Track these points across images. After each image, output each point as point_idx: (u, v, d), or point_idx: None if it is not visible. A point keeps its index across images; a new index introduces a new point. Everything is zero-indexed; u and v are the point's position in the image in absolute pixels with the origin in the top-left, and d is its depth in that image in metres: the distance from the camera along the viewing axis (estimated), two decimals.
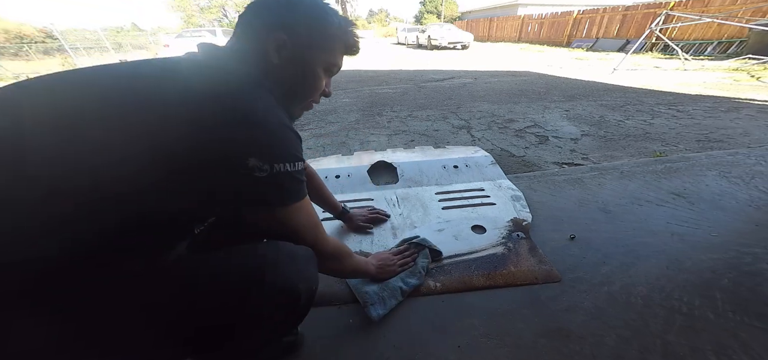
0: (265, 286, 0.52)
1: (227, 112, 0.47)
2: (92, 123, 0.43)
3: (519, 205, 1.36)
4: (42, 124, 0.42)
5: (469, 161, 1.76)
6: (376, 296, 0.89)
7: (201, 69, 0.53)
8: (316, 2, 0.63)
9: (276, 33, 0.58)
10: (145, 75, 0.49)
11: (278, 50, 0.59)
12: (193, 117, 0.45)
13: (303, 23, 0.61)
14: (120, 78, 0.48)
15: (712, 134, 2.40)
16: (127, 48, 13.38)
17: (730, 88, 4.10)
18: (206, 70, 0.53)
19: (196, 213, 0.55)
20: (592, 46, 12.05)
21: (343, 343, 0.81)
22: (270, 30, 0.58)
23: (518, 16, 18.77)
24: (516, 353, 0.77)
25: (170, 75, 0.50)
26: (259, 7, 0.61)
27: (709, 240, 1.13)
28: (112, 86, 0.47)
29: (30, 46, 11.68)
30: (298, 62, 0.61)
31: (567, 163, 1.96)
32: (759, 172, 1.60)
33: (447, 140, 2.39)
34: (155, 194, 0.45)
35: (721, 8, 8.37)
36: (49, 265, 0.39)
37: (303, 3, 0.62)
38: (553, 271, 1.00)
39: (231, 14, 30.54)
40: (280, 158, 0.51)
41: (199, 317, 0.49)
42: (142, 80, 0.48)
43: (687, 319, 0.83)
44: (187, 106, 0.46)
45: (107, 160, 0.42)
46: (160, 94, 0.47)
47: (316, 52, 0.63)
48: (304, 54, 0.62)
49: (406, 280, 0.94)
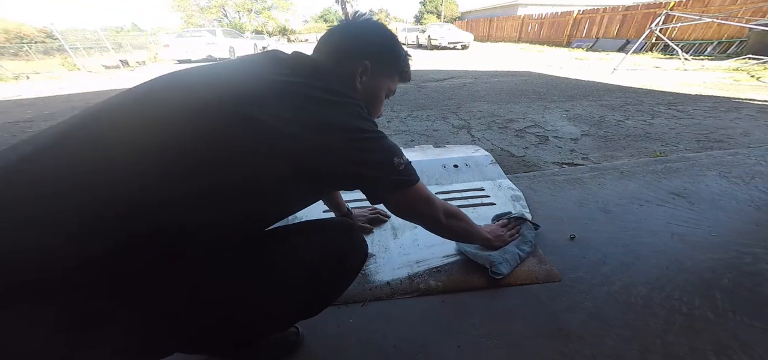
0: (348, 258, 0.65)
1: (355, 132, 0.57)
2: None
3: (519, 205, 1.36)
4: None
5: (469, 161, 1.76)
6: (501, 258, 0.97)
7: (325, 93, 0.57)
8: (390, 35, 0.73)
9: (362, 60, 0.68)
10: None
11: (361, 75, 0.68)
12: (330, 144, 0.53)
13: (380, 53, 0.71)
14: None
15: (712, 134, 2.40)
16: (127, 48, 13.34)
17: (730, 88, 4.11)
18: (329, 94, 0.58)
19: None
20: (592, 46, 12.05)
21: (343, 343, 0.81)
22: (358, 56, 0.68)
23: (518, 16, 18.77)
24: (516, 353, 0.77)
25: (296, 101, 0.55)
26: (347, 30, 0.70)
27: (709, 240, 1.13)
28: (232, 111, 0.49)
29: (30, 46, 11.67)
30: (371, 87, 0.71)
31: (567, 163, 1.96)
32: (759, 172, 1.60)
33: (447, 140, 2.39)
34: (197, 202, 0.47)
35: (721, 8, 8.37)
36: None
37: (383, 34, 0.72)
38: (553, 271, 0.99)
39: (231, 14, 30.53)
40: (402, 153, 0.64)
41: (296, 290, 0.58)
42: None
43: (687, 319, 0.83)
44: (328, 133, 0.53)
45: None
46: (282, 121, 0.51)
47: (385, 80, 0.74)
48: (377, 80, 0.72)
49: (521, 247, 1.03)
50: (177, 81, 0.53)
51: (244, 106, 0.48)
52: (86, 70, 9.86)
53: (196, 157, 0.45)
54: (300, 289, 0.59)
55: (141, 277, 0.42)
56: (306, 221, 0.69)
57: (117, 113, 0.48)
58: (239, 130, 0.47)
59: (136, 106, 0.49)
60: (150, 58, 12.86)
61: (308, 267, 0.59)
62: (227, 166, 0.46)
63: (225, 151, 0.46)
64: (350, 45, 0.68)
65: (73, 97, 5.28)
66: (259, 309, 0.56)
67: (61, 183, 0.40)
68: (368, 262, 1.05)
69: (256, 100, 0.50)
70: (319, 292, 0.64)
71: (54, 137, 0.44)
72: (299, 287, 0.59)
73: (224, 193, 0.47)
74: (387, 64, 0.73)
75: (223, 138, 0.46)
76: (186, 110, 0.47)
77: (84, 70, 9.86)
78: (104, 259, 0.39)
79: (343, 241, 0.65)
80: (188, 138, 0.45)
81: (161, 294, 0.45)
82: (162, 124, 0.46)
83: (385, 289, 0.95)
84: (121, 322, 0.42)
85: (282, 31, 36.91)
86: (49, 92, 5.80)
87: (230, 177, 0.47)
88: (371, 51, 0.69)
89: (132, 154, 0.43)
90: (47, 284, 0.37)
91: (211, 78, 0.55)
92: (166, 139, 0.45)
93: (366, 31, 0.71)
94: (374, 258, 1.07)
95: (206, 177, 0.45)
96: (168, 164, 0.43)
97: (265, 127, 0.48)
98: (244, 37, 14.93)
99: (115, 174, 0.41)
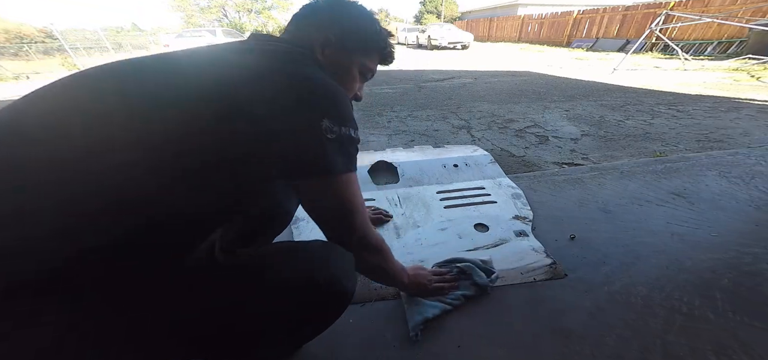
0: (318, 286, 0.53)
1: (297, 79, 0.50)
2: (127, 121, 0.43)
3: (519, 203, 1.36)
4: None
5: (468, 160, 1.76)
6: (415, 311, 0.84)
7: (259, 53, 0.54)
8: (363, 9, 0.68)
9: (324, 31, 0.62)
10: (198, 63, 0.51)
11: (323, 46, 0.63)
12: (253, 96, 0.46)
13: (348, 25, 0.65)
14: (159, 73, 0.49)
15: (712, 134, 2.40)
16: (127, 48, 13.36)
17: (730, 88, 4.11)
18: (265, 53, 0.54)
19: (229, 208, 0.53)
20: (592, 46, 12.05)
21: (343, 343, 0.81)
22: (319, 28, 0.63)
23: (518, 16, 18.77)
24: (516, 353, 0.77)
25: (233, 57, 0.52)
26: (313, 7, 0.66)
27: (709, 240, 1.13)
28: (152, 80, 0.47)
29: (30, 46, 11.68)
30: (339, 61, 0.65)
31: (567, 163, 1.96)
32: (759, 172, 1.60)
33: (447, 140, 2.39)
34: (185, 190, 0.44)
35: (721, 8, 8.37)
36: (68, 265, 0.39)
37: (352, 7, 0.67)
38: (555, 270, 1.00)
39: (231, 14, 30.53)
40: (346, 121, 0.52)
41: (246, 317, 0.51)
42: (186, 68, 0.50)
43: (687, 319, 0.83)
44: (249, 86, 0.47)
45: (134, 159, 0.41)
46: (201, 80, 0.48)
47: (356, 54, 0.67)
48: (345, 53, 0.65)
49: (433, 304, 0.85)
50: (147, 67, 0.50)
51: (222, 90, 0.46)
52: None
53: (182, 144, 0.43)
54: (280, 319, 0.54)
55: (128, 276, 0.42)
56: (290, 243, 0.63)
57: (85, 101, 0.45)
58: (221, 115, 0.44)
59: (107, 90, 0.46)
60: None
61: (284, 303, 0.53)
62: (212, 151, 0.44)
63: (207, 135, 0.44)
64: (313, 18, 0.65)
65: None
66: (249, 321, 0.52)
67: (40, 176, 0.38)
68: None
69: (234, 83, 0.47)
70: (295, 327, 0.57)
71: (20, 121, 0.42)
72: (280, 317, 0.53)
73: (210, 178, 0.45)
74: (358, 37, 0.67)
75: (205, 123, 0.44)
76: (166, 96, 0.45)
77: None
78: (89, 256, 0.38)
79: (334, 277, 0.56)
80: (173, 126, 0.43)
81: (152, 296, 0.44)
82: (143, 111, 0.44)
83: (388, 289, 0.94)
84: (110, 325, 0.41)
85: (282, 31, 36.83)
86: None
87: (209, 159, 0.44)
88: (333, 22, 0.64)
89: (116, 143, 0.41)
90: (31, 283, 0.36)
91: (184, 65, 0.52)
92: (151, 127, 0.43)
93: (328, 4, 0.66)
94: None
95: (195, 164, 0.43)
96: (155, 153, 0.42)
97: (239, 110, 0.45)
98: (244, 37, 14.90)
99: (100, 165, 0.40)
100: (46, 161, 0.39)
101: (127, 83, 0.47)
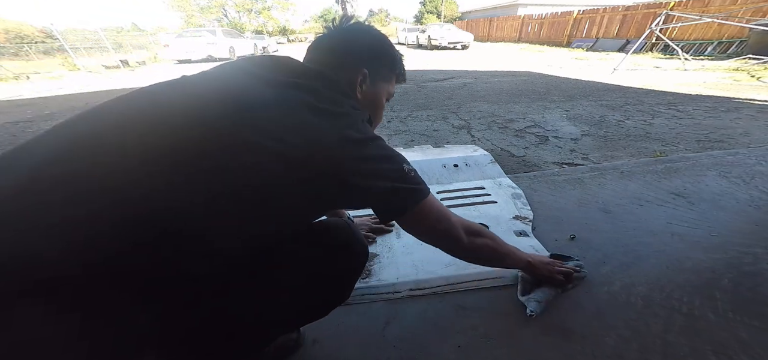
0: (352, 248, 0.62)
1: (343, 138, 0.52)
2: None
3: (520, 203, 1.36)
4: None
5: (468, 160, 1.76)
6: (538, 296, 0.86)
7: (317, 103, 0.54)
8: (383, 38, 0.72)
9: (361, 68, 0.66)
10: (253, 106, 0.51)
11: (361, 85, 0.66)
12: (313, 147, 0.49)
13: (377, 58, 0.70)
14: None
15: (712, 134, 2.40)
16: (128, 48, 13.36)
17: (730, 88, 4.10)
18: (334, 105, 0.55)
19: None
20: (592, 46, 12.05)
21: (343, 343, 0.81)
22: (355, 64, 0.66)
23: (518, 16, 18.77)
24: (516, 353, 0.77)
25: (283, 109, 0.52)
26: (346, 42, 0.68)
27: (709, 240, 1.13)
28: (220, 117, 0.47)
29: (30, 46, 11.68)
30: (372, 94, 0.70)
31: (567, 163, 1.96)
32: (759, 172, 1.60)
33: (447, 140, 2.39)
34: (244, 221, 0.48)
35: (721, 8, 8.37)
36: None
37: (377, 39, 0.71)
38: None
39: (231, 14, 30.53)
40: (402, 159, 0.59)
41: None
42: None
43: (687, 319, 0.83)
44: (305, 134, 0.50)
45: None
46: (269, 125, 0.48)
47: (384, 85, 0.73)
48: (377, 87, 0.70)
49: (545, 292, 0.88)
50: (178, 86, 0.52)
51: (248, 111, 0.47)
52: (86, 70, 9.85)
53: (203, 160, 0.43)
54: (303, 292, 0.58)
55: (147, 283, 0.42)
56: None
57: (120, 117, 0.47)
58: (246, 135, 0.46)
59: (139, 109, 0.48)
60: (150, 58, 12.86)
61: (309, 268, 0.58)
62: (235, 170, 0.45)
63: (232, 155, 0.45)
64: (346, 54, 0.66)
65: (73, 97, 5.28)
66: (262, 315, 0.55)
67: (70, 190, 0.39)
68: (372, 261, 1.05)
69: (260, 106, 0.49)
70: (323, 293, 0.62)
71: (60, 144, 0.43)
72: (302, 290, 0.58)
73: (232, 198, 0.45)
74: (385, 69, 0.72)
75: (232, 141, 0.45)
76: (192, 113, 0.47)
77: (84, 70, 9.85)
78: (110, 263, 0.38)
79: (345, 236, 0.63)
80: (197, 141, 0.44)
81: (169, 300, 0.44)
82: (170, 126, 0.45)
83: (389, 289, 0.94)
84: (131, 330, 0.41)
85: (282, 31, 36.90)
86: (49, 92, 5.80)
87: (237, 182, 0.45)
88: (368, 57, 0.67)
89: (139, 157, 0.42)
90: (54, 290, 0.36)
91: (212, 83, 0.54)
92: (175, 142, 0.44)
93: (359, 37, 0.69)
94: (378, 258, 1.07)
95: (215, 181, 0.44)
96: (178, 167, 0.42)
97: (268, 136, 0.46)
98: (245, 37, 14.90)
99: (126, 178, 0.40)
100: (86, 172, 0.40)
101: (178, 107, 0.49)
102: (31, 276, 0.35)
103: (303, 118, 0.50)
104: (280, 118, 0.49)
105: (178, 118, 0.46)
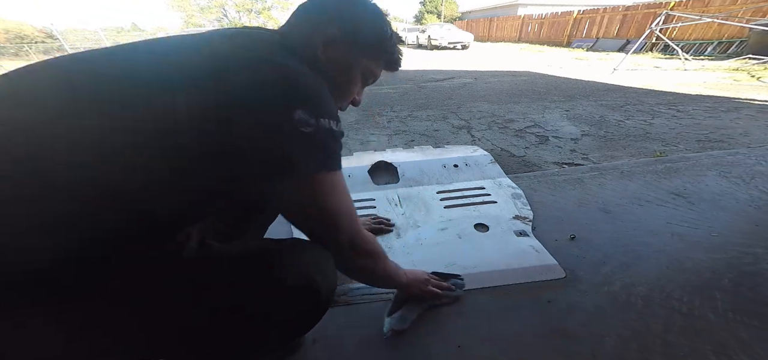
0: (278, 281, 0.49)
1: (268, 65, 0.45)
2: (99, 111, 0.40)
3: (520, 203, 1.36)
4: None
5: (468, 160, 1.76)
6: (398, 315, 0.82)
7: (232, 45, 0.49)
8: (376, 8, 0.62)
9: (330, 27, 0.57)
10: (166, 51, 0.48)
11: (325, 42, 0.57)
12: (222, 85, 0.42)
13: (357, 23, 0.60)
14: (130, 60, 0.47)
15: (712, 134, 2.40)
16: None
17: (730, 88, 4.10)
18: (245, 40, 0.50)
19: (203, 207, 0.51)
20: (592, 46, 12.05)
21: (343, 343, 0.81)
22: (325, 23, 0.57)
23: (518, 16, 18.77)
24: (516, 353, 0.77)
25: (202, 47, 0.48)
26: (322, 1, 0.60)
27: (709, 240, 1.13)
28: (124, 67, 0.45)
29: (30, 46, 11.69)
30: (341, 59, 0.59)
31: (567, 163, 1.96)
32: (759, 172, 1.60)
33: (447, 140, 2.39)
34: (159, 191, 0.42)
35: (721, 8, 8.37)
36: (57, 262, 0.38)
37: (364, 3, 0.61)
38: (556, 270, 1.00)
39: (231, 14, 30.52)
40: (325, 113, 0.47)
41: (205, 313, 0.47)
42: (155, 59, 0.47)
43: (687, 319, 0.83)
44: (217, 74, 0.43)
45: (108, 152, 0.39)
46: (175, 71, 0.44)
47: (361, 56, 0.62)
48: (349, 52, 0.60)
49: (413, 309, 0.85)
50: (116, 55, 0.48)
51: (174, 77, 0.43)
52: None
53: (165, 138, 0.41)
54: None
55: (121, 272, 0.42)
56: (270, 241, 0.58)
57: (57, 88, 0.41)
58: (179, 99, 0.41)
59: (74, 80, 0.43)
60: None
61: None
62: (189, 146, 0.41)
63: (184, 129, 0.41)
64: (317, 11, 0.59)
65: None
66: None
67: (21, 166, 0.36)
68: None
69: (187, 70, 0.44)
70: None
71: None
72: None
73: (190, 170, 0.43)
74: (366, 38, 0.61)
75: (182, 117, 0.41)
76: (147, 84, 0.43)
77: None
78: (71, 252, 0.38)
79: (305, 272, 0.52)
80: (157, 116, 0.41)
81: (145, 292, 0.43)
82: (127, 100, 0.41)
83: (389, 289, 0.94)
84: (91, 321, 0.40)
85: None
86: None
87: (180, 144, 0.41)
88: (345, 16, 0.58)
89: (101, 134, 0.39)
90: (20, 283, 0.36)
91: (151, 53, 0.49)
92: (136, 116, 0.40)
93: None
94: None
95: (177, 156, 0.41)
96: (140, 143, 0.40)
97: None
98: None
99: (84, 155, 0.38)
100: (23, 144, 0.37)
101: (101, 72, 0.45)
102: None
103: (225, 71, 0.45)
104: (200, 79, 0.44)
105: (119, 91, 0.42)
